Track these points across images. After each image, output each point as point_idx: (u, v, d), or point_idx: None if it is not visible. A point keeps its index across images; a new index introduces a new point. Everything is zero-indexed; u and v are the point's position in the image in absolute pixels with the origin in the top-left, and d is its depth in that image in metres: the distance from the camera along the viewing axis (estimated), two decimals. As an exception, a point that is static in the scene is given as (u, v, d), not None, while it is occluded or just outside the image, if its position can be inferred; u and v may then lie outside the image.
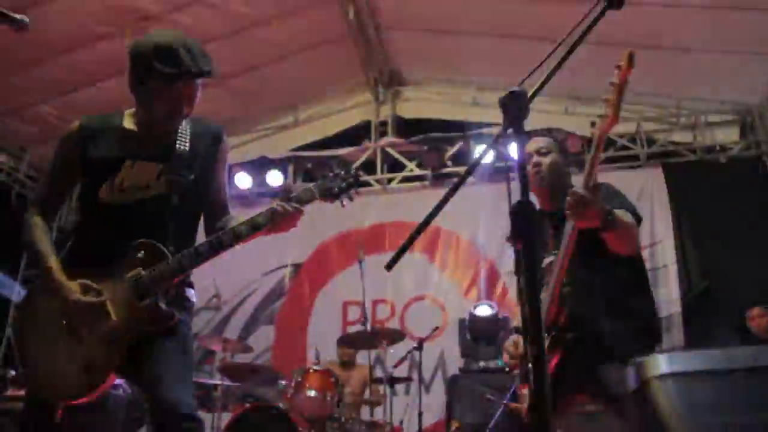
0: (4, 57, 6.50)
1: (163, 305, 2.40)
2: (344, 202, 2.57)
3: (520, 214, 1.37)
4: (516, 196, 1.45)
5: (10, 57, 6.53)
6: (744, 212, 6.80)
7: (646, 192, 7.34)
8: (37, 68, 6.87)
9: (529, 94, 1.53)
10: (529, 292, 1.32)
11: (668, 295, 6.89)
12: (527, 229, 1.38)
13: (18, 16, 2.36)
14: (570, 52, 1.74)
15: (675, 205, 7.34)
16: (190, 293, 2.62)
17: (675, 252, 7.12)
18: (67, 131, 2.58)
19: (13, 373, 5.37)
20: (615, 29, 1.70)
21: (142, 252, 2.43)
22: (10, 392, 5.01)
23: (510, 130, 1.48)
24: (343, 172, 2.56)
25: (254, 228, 2.45)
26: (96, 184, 2.51)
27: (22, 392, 4.98)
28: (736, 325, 6.09)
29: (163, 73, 2.35)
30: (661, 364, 2.09)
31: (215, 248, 2.44)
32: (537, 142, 3.06)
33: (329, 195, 2.53)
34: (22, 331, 2.49)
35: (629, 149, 7.84)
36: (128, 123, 2.58)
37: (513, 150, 1.55)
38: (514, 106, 1.47)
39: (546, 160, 3.01)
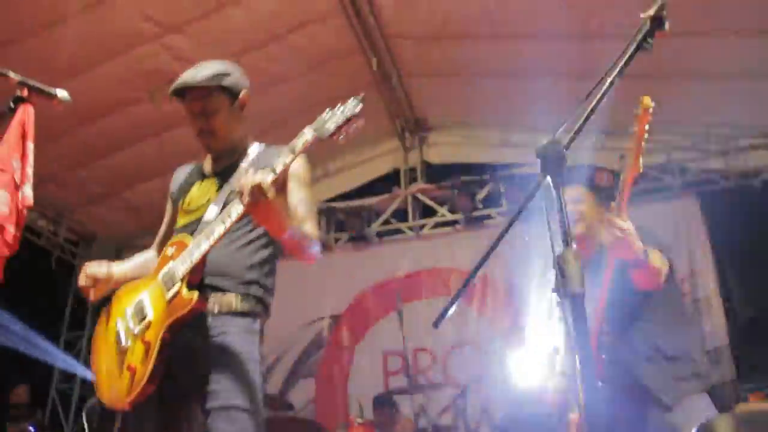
0: (41, 126, 6.67)
1: (184, 291, 2.29)
2: (341, 139, 2.37)
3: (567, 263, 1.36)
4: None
5: (46, 125, 6.66)
6: (784, 236, 6.66)
7: (682, 223, 7.22)
8: (72, 135, 7.05)
9: (565, 142, 1.54)
10: (579, 342, 1.30)
11: (713, 327, 6.71)
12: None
13: (59, 94, 2.48)
14: (604, 95, 1.75)
15: (713, 234, 7.21)
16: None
17: (717, 282, 6.98)
18: None
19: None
20: (639, 61, 1.70)
21: (174, 247, 2.47)
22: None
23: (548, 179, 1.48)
24: (339, 105, 2.31)
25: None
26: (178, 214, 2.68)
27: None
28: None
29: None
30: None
31: (224, 222, 2.29)
32: (571, 191, 3.08)
33: (326, 134, 2.32)
34: (95, 339, 2.62)
35: (661, 180, 7.73)
36: (207, 158, 2.79)
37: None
38: (551, 156, 1.47)
39: (581, 208, 3.05)
